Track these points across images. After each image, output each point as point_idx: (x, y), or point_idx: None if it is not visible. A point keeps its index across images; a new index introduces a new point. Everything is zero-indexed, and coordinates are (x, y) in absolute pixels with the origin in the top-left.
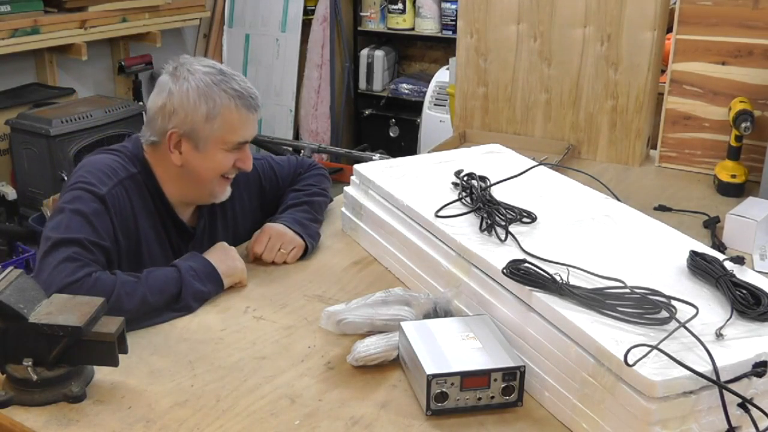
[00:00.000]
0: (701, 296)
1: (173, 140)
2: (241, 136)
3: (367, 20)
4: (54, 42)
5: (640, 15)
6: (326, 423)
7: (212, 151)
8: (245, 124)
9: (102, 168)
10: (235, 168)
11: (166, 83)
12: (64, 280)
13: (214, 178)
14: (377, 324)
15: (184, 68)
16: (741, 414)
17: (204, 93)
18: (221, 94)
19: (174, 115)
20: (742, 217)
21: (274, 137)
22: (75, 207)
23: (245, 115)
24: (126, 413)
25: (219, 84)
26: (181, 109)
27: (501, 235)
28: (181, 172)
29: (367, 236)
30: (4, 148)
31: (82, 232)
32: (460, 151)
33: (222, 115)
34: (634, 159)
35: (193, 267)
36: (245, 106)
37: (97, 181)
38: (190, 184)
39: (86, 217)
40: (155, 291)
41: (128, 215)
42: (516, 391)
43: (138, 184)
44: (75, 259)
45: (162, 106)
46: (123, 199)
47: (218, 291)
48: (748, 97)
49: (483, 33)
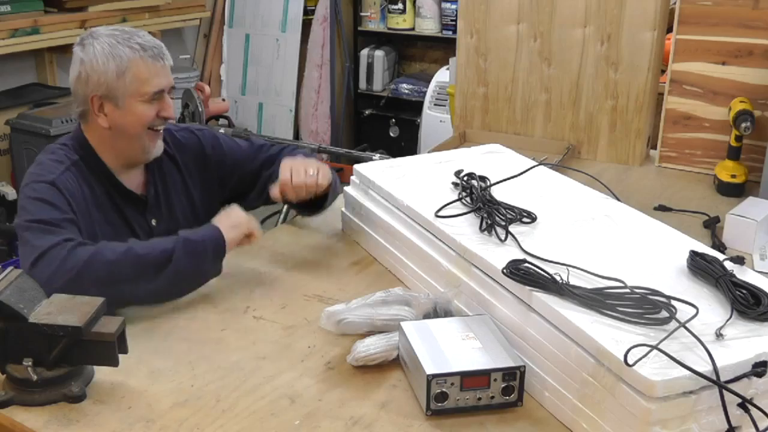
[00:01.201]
0: (701, 296)
1: (95, 104)
2: (154, 86)
3: (368, 20)
4: (54, 42)
5: (640, 15)
6: (326, 423)
7: (132, 104)
8: (155, 74)
9: (47, 161)
10: (160, 118)
11: (77, 54)
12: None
13: (142, 131)
14: (377, 324)
15: (89, 37)
16: (741, 414)
17: (109, 52)
18: (125, 50)
19: (89, 80)
20: (742, 217)
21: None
22: (32, 196)
23: (152, 65)
24: (126, 413)
25: (122, 42)
26: (93, 73)
27: (501, 235)
28: (111, 134)
29: (367, 236)
30: (4, 148)
31: (47, 214)
32: (460, 151)
33: (130, 68)
34: (634, 159)
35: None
36: (151, 56)
37: (45, 172)
38: (123, 143)
39: (45, 201)
40: (144, 246)
41: (79, 199)
42: (516, 391)
43: (81, 168)
44: (49, 231)
45: (77, 75)
46: (72, 182)
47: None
48: (748, 97)
49: (483, 33)
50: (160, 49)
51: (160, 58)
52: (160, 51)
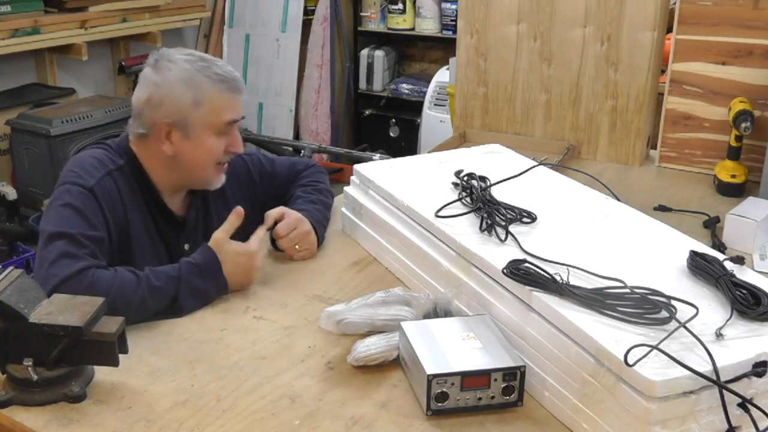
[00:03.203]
0: (701, 296)
1: (163, 131)
2: (229, 116)
3: (368, 20)
4: (54, 42)
5: (640, 15)
6: (326, 423)
7: (202, 136)
8: (231, 106)
9: (89, 161)
10: (227, 153)
11: (148, 76)
12: (61, 275)
13: (209, 165)
14: (377, 324)
15: (164, 59)
16: (741, 414)
17: (187, 80)
18: (204, 79)
19: (161, 106)
20: (742, 217)
21: (275, 137)
22: (65, 201)
23: (229, 96)
24: (126, 413)
25: (201, 70)
26: (168, 99)
27: (501, 235)
28: (172, 161)
29: (367, 236)
30: (4, 148)
31: (75, 227)
32: (460, 151)
33: (207, 99)
34: (634, 159)
35: (197, 262)
36: (229, 88)
37: (85, 174)
38: (183, 172)
39: (77, 209)
40: (154, 290)
41: (118, 206)
42: (516, 391)
43: (125, 175)
44: (71, 254)
45: (148, 98)
46: (112, 189)
47: (222, 290)
48: (748, 97)
49: (483, 33)
50: (237, 81)
51: (238, 91)
52: (238, 83)
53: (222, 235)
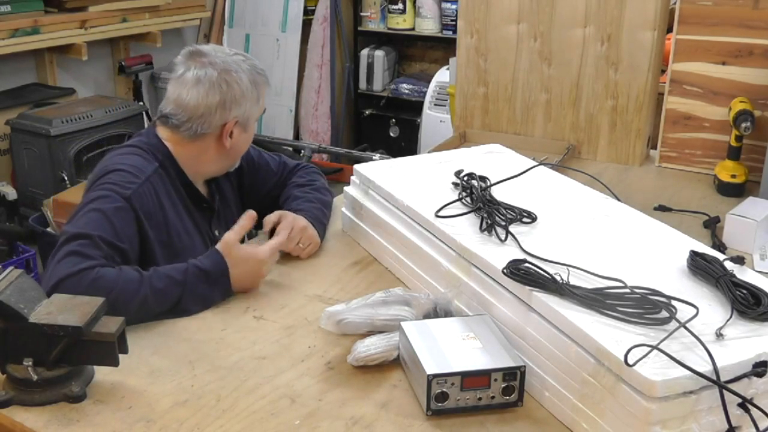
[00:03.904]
0: (701, 296)
1: (229, 129)
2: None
3: (368, 20)
4: (54, 42)
5: (640, 15)
6: (326, 423)
7: (253, 127)
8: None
9: (127, 168)
10: None
11: (212, 77)
12: (64, 272)
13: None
14: (377, 324)
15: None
16: (741, 414)
17: (253, 81)
18: (260, 78)
19: (237, 107)
20: (742, 217)
21: (275, 137)
22: (96, 206)
23: (267, 89)
24: (126, 413)
25: (256, 70)
26: (243, 100)
27: (501, 235)
28: (224, 153)
29: (367, 236)
30: (4, 148)
31: (96, 229)
32: (460, 151)
33: (262, 95)
34: (634, 159)
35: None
36: (266, 82)
37: (124, 181)
38: (228, 162)
39: (105, 215)
40: (157, 293)
41: (156, 210)
42: (516, 391)
43: (162, 176)
44: (80, 253)
45: (218, 101)
46: (150, 195)
47: (227, 294)
48: (748, 97)
49: (483, 33)
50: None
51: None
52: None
53: (233, 237)
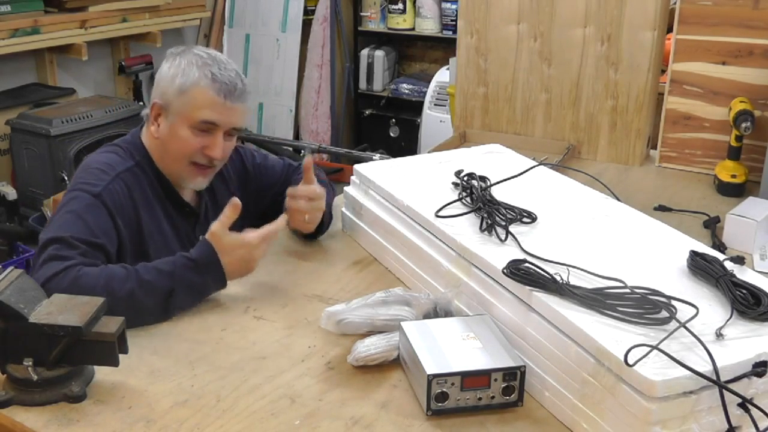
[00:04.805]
0: (701, 296)
1: (154, 111)
2: (205, 116)
3: (368, 20)
4: (54, 42)
5: (640, 15)
6: (326, 423)
7: (179, 126)
8: (214, 107)
9: (98, 166)
10: (204, 155)
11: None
12: (44, 276)
13: (182, 159)
14: (377, 324)
15: (185, 51)
16: (741, 414)
17: (183, 69)
18: (197, 72)
19: (158, 86)
20: (742, 217)
21: (274, 137)
22: (68, 208)
23: (214, 97)
24: (126, 413)
25: (200, 66)
26: (162, 81)
27: (501, 235)
28: (160, 145)
29: (367, 236)
30: (4, 148)
31: (69, 230)
32: (460, 151)
33: (191, 91)
34: (634, 159)
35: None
36: (217, 90)
37: (94, 180)
38: (167, 160)
39: (76, 214)
40: (145, 284)
41: (128, 208)
42: (516, 391)
43: (136, 175)
44: (56, 256)
45: (156, 80)
46: (122, 193)
47: (220, 285)
48: (748, 97)
49: (483, 33)
50: (232, 87)
51: (229, 96)
52: (231, 90)
53: (219, 227)
